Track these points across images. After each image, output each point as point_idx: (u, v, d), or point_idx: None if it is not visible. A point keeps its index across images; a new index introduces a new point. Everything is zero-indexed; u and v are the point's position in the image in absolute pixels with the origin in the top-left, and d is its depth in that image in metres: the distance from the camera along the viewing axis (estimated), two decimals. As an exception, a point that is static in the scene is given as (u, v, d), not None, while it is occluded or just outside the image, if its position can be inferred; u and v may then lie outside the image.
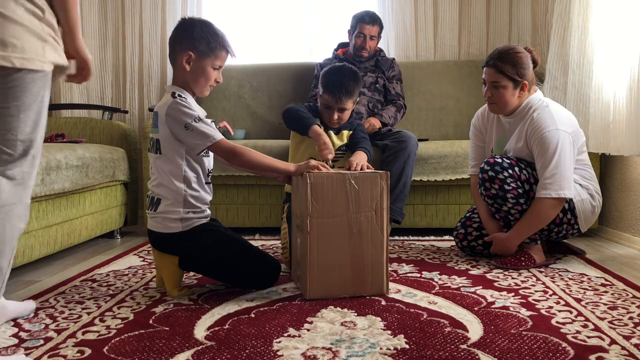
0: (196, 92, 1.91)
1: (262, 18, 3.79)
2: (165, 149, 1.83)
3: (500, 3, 3.70)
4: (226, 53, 1.90)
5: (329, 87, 2.33)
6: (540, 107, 2.25)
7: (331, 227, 1.81)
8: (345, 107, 2.34)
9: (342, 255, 1.83)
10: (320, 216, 1.80)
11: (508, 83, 2.24)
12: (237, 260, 1.88)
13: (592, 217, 2.34)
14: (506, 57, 2.24)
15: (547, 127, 2.18)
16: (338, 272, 1.83)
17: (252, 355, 1.36)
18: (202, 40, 1.85)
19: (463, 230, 2.49)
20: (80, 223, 2.64)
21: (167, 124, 1.81)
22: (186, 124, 1.78)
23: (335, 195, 1.81)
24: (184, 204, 1.84)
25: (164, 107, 1.82)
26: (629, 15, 2.56)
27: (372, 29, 3.23)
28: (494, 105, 2.30)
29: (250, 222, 3.11)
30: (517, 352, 1.37)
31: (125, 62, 3.83)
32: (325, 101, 2.35)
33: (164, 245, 1.88)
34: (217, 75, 1.90)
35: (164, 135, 1.82)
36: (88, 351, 1.40)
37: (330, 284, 1.82)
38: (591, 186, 2.32)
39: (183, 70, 1.87)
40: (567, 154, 2.17)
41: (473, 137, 2.55)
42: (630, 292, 1.89)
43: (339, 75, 2.34)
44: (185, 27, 1.89)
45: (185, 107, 1.79)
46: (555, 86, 3.13)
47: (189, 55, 1.85)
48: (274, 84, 3.61)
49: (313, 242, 1.80)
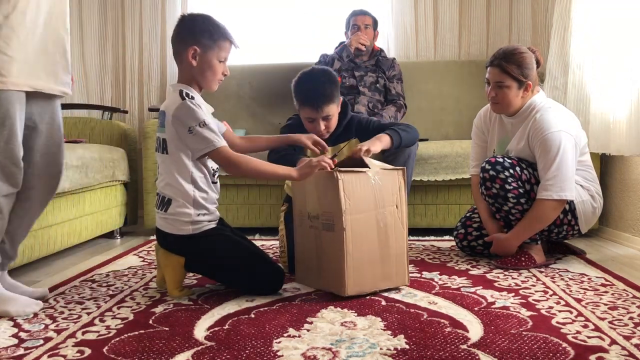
0: (204, 87, 1.90)
1: (262, 18, 3.79)
2: (172, 149, 1.82)
3: (500, 3, 3.70)
4: (229, 44, 1.90)
5: (305, 99, 2.17)
6: (543, 108, 2.24)
7: (362, 223, 1.84)
8: (328, 114, 2.17)
9: (373, 249, 1.86)
10: (353, 212, 1.81)
11: (512, 83, 2.23)
12: (244, 266, 1.87)
13: (593, 219, 2.34)
14: (511, 57, 2.23)
15: (550, 128, 2.18)
16: (370, 266, 1.86)
17: (252, 355, 1.36)
18: (204, 34, 1.84)
19: (463, 230, 2.49)
20: (80, 223, 2.64)
21: (173, 125, 1.80)
22: (190, 127, 1.77)
23: (363, 192, 1.84)
24: (194, 204, 1.84)
25: (172, 107, 1.80)
26: (630, 14, 2.56)
27: (364, 18, 3.32)
28: (498, 105, 2.30)
29: (250, 222, 3.11)
30: (517, 352, 1.37)
31: (125, 62, 3.83)
32: (306, 114, 2.19)
33: (172, 245, 1.87)
34: (223, 68, 1.90)
35: (170, 135, 1.81)
36: (88, 351, 1.40)
37: (365, 278, 1.85)
38: (592, 187, 2.32)
39: (190, 66, 1.86)
40: (569, 155, 2.17)
41: (475, 137, 2.54)
42: (630, 292, 1.89)
43: (312, 82, 2.18)
44: (186, 23, 1.88)
45: (194, 110, 1.78)
46: (556, 86, 3.13)
47: (194, 50, 1.84)
48: (274, 84, 3.60)
49: (349, 238, 1.80)
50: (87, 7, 3.81)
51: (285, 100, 3.53)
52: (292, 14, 3.84)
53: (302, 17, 3.84)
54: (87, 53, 3.84)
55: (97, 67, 3.86)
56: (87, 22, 3.82)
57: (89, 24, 3.82)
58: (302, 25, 3.85)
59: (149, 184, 3.13)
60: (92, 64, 3.85)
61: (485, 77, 2.32)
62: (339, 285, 1.83)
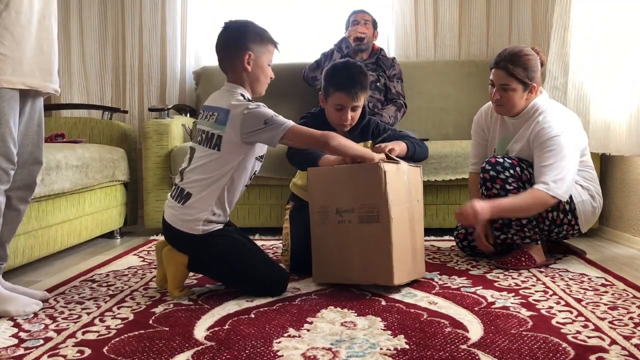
0: (257, 91, 1.94)
1: (262, 18, 3.77)
2: (226, 148, 1.82)
3: (500, 3, 3.70)
4: (274, 47, 1.94)
5: (341, 85, 2.18)
6: (546, 110, 2.24)
7: (402, 214, 1.90)
8: (359, 104, 2.22)
9: (407, 241, 1.93)
10: (397, 203, 1.86)
11: (518, 86, 2.22)
12: (248, 270, 1.88)
13: (593, 218, 2.34)
14: (517, 60, 2.21)
15: (552, 130, 2.17)
16: (407, 257, 1.92)
17: (252, 355, 1.36)
18: (255, 39, 1.89)
19: (463, 230, 2.49)
20: (80, 223, 2.64)
21: (242, 123, 1.80)
22: (266, 120, 1.80)
23: (400, 184, 1.91)
24: (216, 202, 1.84)
25: (240, 107, 1.82)
26: (630, 14, 2.56)
27: (363, 15, 3.38)
28: (502, 107, 2.29)
29: (250, 222, 3.11)
30: (517, 352, 1.37)
31: (125, 62, 3.83)
32: (338, 100, 2.20)
33: (177, 241, 1.88)
34: (270, 71, 1.94)
35: (230, 135, 1.82)
36: (88, 351, 1.40)
37: (406, 268, 1.91)
38: (592, 187, 2.32)
39: (244, 71, 1.89)
40: (570, 158, 2.16)
41: (475, 135, 2.54)
42: (630, 292, 1.89)
43: (349, 71, 2.22)
44: (236, 30, 1.91)
45: (262, 109, 1.82)
46: (556, 86, 3.13)
47: (249, 55, 1.87)
48: (274, 84, 3.58)
49: (395, 228, 1.83)
50: (87, 7, 3.81)
51: (285, 100, 3.54)
52: (292, 14, 3.84)
53: (302, 17, 3.83)
54: (87, 53, 3.84)
55: (97, 67, 3.86)
56: (87, 22, 3.82)
57: (89, 24, 3.82)
58: (302, 26, 3.84)
59: (149, 184, 3.13)
60: (92, 64, 3.85)
61: (489, 79, 2.30)
62: (386, 275, 1.85)
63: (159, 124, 3.15)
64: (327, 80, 2.26)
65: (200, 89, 3.67)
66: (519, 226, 2.26)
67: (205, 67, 3.71)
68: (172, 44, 3.79)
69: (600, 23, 2.79)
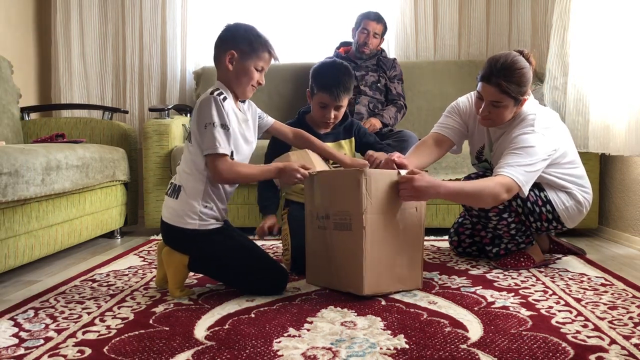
0: (238, 92, 1.92)
1: (262, 18, 3.78)
2: (195, 139, 1.85)
3: (500, 3, 3.70)
4: (269, 55, 1.92)
5: (325, 86, 2.24)
6: (528, 118, 2.13)
7: (382, 223, 1.83)
8: (342, 104, 2.27)
9: (391, 250, 1.85)
10: (374, 212, 1.80)
11: (510, 102, 2.07)
12: (248, 269, 1.88)
13: (580, 216, 2.26)
14: (511, 76, 2.03)
15: (527, 129, 2.08)
16: (387, 267, 1.85)
17: (252, 355, 1.36)
18: (244, 41, 1.87)
19: (456, 238, 2.49)
20: (80, 223, 2.64)
21: (194, 115, 1.85)
22: (206, 123, 1.80)
23: (388, 191, 1.84)
24: (204, 195, 1.85)
25: (200, 98, 1.86)
26: (630, 14, 2.56)
27: (376, 26, 3.28)
28: (490, 121, 2.16)
29: (250, 222, 3.11)
30: (517, 352, 1.37)
31: (125, 62, 3.83)
32: (322, 99, 2.26)
33: (176, 241, 1.88)
34: (259, 77, 1.92)
35: (193, 126, 1.87)
36: (88, 351, 1.40)
37: (381, 278, 1.84)
38: (577, 192, 2.20)
39: (226, 70, 1.89)
40: (539, 157, 2.05)
41: (452, 116, 2.34)
42: (630, 292, 1.89)
43: (334, 72, 2.27)
44: (229, 30, 1.92)
45: (216, 108, 1.81)
46: (555, 86, 3.13)
47: (232, 54, 1.87)
48: (274, 84, 3.60)
49: (368, 237, 1.79)
50: (87, 7, 3.81)
51: (285, 101, 3.54)
52: (293, 14, 3.84)
53: (303, 17, 3.84)
54: (87, 53, 3.84)
55: (97, 67, 3.86)
56: (87, 22, 3.82)
57: (89, 23, 3.82)
58: (302, 26, 3.84)
59: (149, 184, 3.13)
60: (92, 64, 3.85)
61: (476, 90, 2.14)
62: (356, 284, 1.82)
63: (159, 124, 3.15)
64: (313, 79, 2.32)
65: (200, 89, 3.67)
66: (510, 236, 2.25)
67: (205, 68, 3.71)
68: (172, 44, 3.79)
69: (600, 23, 2.79)
